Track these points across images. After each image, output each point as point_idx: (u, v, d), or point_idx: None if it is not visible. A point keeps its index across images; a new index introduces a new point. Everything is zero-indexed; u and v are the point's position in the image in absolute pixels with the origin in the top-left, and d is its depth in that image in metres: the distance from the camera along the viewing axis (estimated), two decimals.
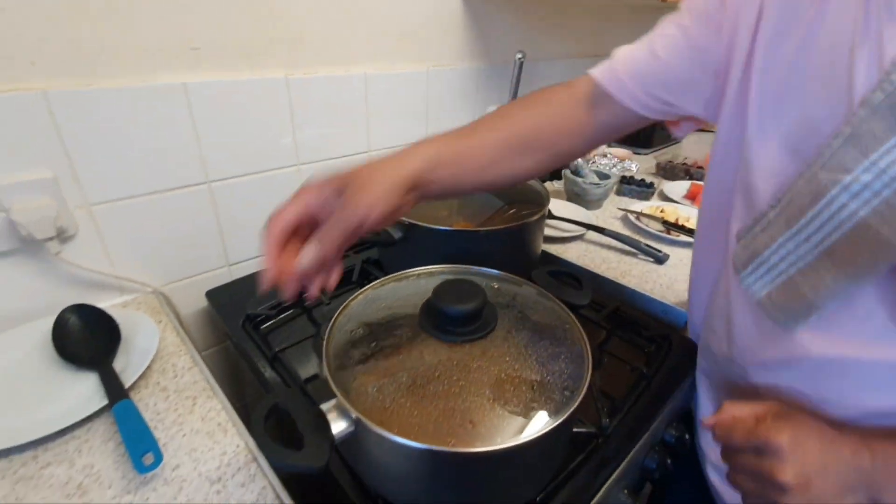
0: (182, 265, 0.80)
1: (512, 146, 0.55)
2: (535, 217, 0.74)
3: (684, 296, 0.84)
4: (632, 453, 0.56)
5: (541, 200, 0.81)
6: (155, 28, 0.65)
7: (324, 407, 0.42)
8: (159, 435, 0.53)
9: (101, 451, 0.50)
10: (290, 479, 0.49)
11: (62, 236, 0.65)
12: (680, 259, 0.96)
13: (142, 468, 0.47)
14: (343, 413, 0.41)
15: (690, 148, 1.77)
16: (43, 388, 0.57)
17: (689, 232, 1.03)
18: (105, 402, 0.54)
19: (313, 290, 0.42)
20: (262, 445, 0.36)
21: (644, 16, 1.64)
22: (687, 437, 0.66)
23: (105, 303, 0.73)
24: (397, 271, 0.81)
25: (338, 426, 0.40)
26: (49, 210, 0.60)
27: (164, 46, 0.67)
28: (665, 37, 0.52)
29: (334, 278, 0.43)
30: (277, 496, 0.47)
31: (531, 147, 0.55)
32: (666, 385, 0.65)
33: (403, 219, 0.71)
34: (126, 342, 0.64)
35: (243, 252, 0.87)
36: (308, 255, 0.40)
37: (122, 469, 0.48)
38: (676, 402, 0.66)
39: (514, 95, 1.11)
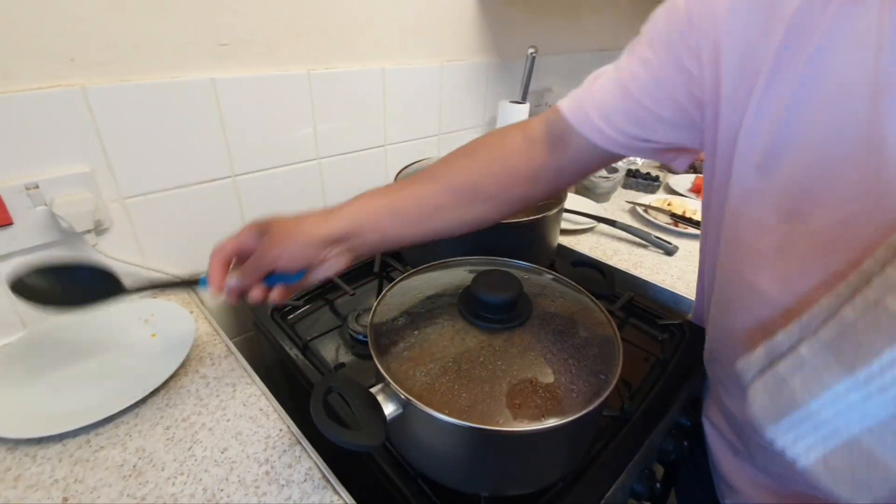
0: (209, 257, 0.81)
1: (456, 194, 0.53)
2: (554, 210, 0.77)
3: (693, 287, 0.88)
4: (652, 436, 0.59)
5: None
6: (186, 24, 0.67)
7: (373, 390, 0.44)
8: (205, 420, 0.55)
9: (150, 434, 0.53)
10: (333, 459, 0.52)
11: (98, 229, 0.66)
12: (689, 251, 0.99)
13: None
14: (392, 395, 0.43)
15: None
16: (90, 377, 0.59)
17: (697, 224, 1.06)
18: (149, 391, 0.56)
19: (252, 298, 0.51)
20: (323, 425, 0.38)
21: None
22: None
23: (137, 294, 0.75)
24: (417, 263, 0.84)
25: (388, 407, 0.43)
26: (87, 203, 0.62)
27: (194, 42, 0.68)
28: (631, 71, 0.47)
29: (261, 298, 0.51)
30: (324, 475, 0.49)
31: (479, 195, 0.53)
32: (681, 371, 0.68)
33: None
34: (162, 332, 0.66)
35: None
36: (232, 281, 0.50)
37: (173, 452, 0.51)
38: (691, 387, 0.69)
39: (526, 90, 1.13)
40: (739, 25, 0.39)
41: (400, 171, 0.86)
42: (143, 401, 0.56)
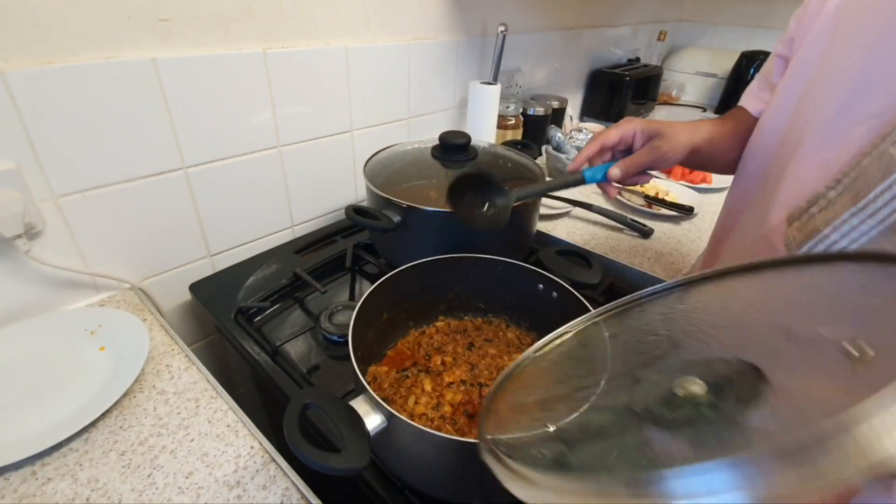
0: (161, 258, 0.75)
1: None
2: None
3: (672, 269, 0.87)
4: None
5: (534, 177, 0.81)
6: None
7: (354, 403, 0.40)
8: (165, 442, 0.50)
9: (103, 462, 0.47)
10: (312, 477, 0.48)
11: (30, 232, 0.59)
12: (663, 233, 0.98)
13: None
14: (375, 406, 0.40)
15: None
16: (31, 400, 0.53)
17: (670, 206, 1.06)
18: (99, 413, 0.50)
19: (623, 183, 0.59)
20: (300, 451, 0.35)
21: None
22: None
23: (80, 302, 0.68)
24: (391, 255, 0.80)
25: (371, 421, 0.39)
26: (15, 205, 0.54)
27: (129, 17, 0.60)
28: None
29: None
30: (303, 496, 0.45)
31: None
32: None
33: (401, 202, 0.69)
34: (112, 344, 0.60)
35: (225, 241, 0.82)
36: (616, 172, 0.57)
37: (130, 481, 0.46)
38: None
39: (497, 68, 1.08)
40: None
41: (369, 159, 0.81)
42: (94, 424, 0.51)
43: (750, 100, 0.66)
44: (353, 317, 0.47)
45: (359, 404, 0.40)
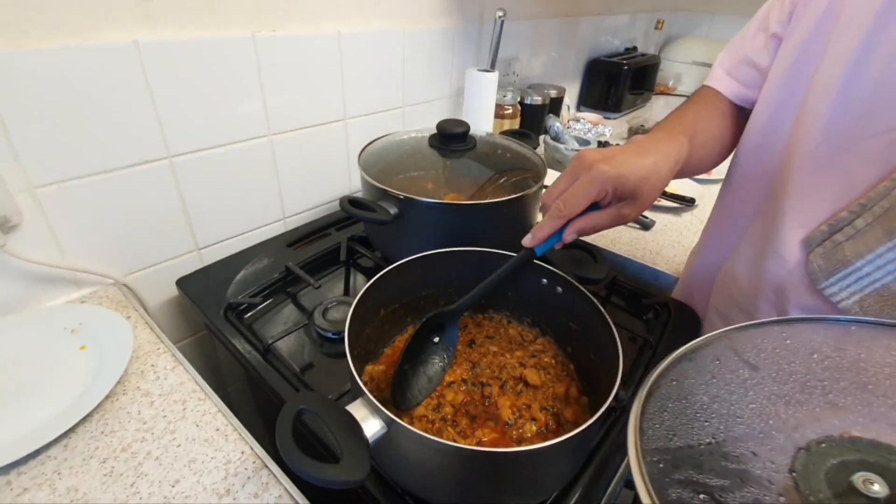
0: (146, 252, 0.71)
1: None
2: (536, 187, 0.71)
3: (673, 262, 0.86)
4: None
5: (535, 168, 0.78)
6: None
7: (351, 408, 0.38)
8: (150, 447, 0.47)
9: (83, 470, 0.44)
10: (307, 482, 0.45)
11: (5, 226, 0.55)
12: (664, 225, 0.96)
13: None
14: (374, 411, 0.37)
15: (660, 112, 1.79)
16: (6, 404, 0.50)
17: (670, 197, 1.04)
18: (80, 417, 0.47)
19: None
20: (295, 462, 0.32)
21: None
22: None
23: (60, 299, 0.65)
24: (388, 249, 0.77)
25: (371, 427, 0.37)
26: None
27: None
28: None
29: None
30: (297, 503, 0.43)
31: None
32: (670, 353, 0.66)
33: (399, 193, 0.66)
34: (93, 343, 0.57)
35: (214, 234, 0.79)
36: (571, 236, 0.47)
37: (112, 490, 0.43)
38: None
39: (495, 55, 1.05)
40: None
41: (364, 148, 0.78)
42: (74, 429, 0.48)
43: (724, 80, 0.61)
44: (349, 315, 0.45)
45: (357, 409, 0.38)
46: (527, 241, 0.48)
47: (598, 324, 0.49)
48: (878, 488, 0.25)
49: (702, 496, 0.28)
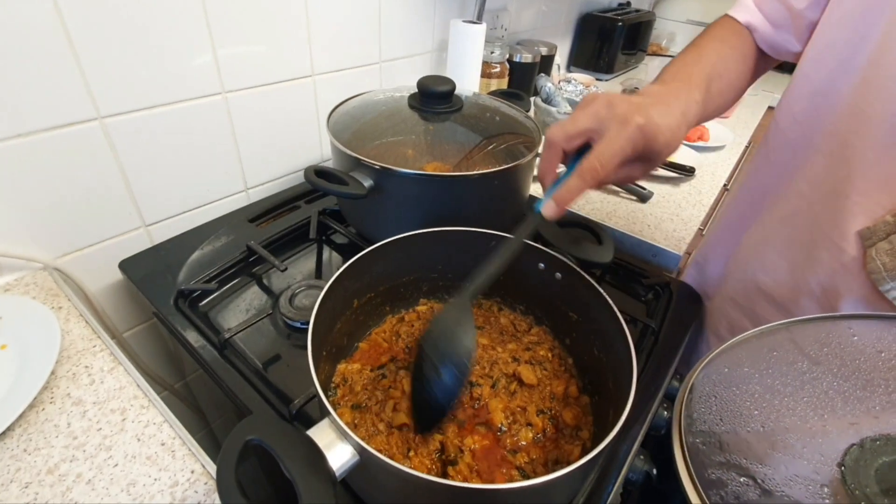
0: (81, 231, 0.62)
1: None
2: (530, 156, 0.63)
3: (673, 237, 0.80)
4: (650, 417, 0.52)
5: (528, 133, 0.70)
6: None
7: (314, 433, 0.31)
8: (81, 468, 0.40)
9: (1, 497, 0.37)
10: None
11: None
12: (663, 196, 0.90)
13: None
14: (343, 438, 0.31)
15: (654, 72, 1.69)
16: None
17: (669, 166, 0.98)
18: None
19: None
20: None
21: None
22: None
23: None
24: (363, 226, 0.69)
25: (338, 458, 0.30)
26: None
27: None
28: None
29: None
30: None
31: None
32: (673, 339, 0.61)
33: (374, 163, 0.57)
34: (15, 342, 0.48)
35: (163, 209, 0.69)
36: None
37: None
38: (686, 353, 0.62)
39: (482, 7, 0.94)
40: None
41: (333, 109, 0.68)
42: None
43: (754, 13, 0.53)
44: (314, 315, 0.37)
45: (321, 433, 0.31)
46: (550, 209, 0.41)
47: (604, 317, 0.43)
48: None
49: (743, 479, 0.30)
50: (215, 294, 0.60)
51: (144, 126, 0.62)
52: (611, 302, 0.42)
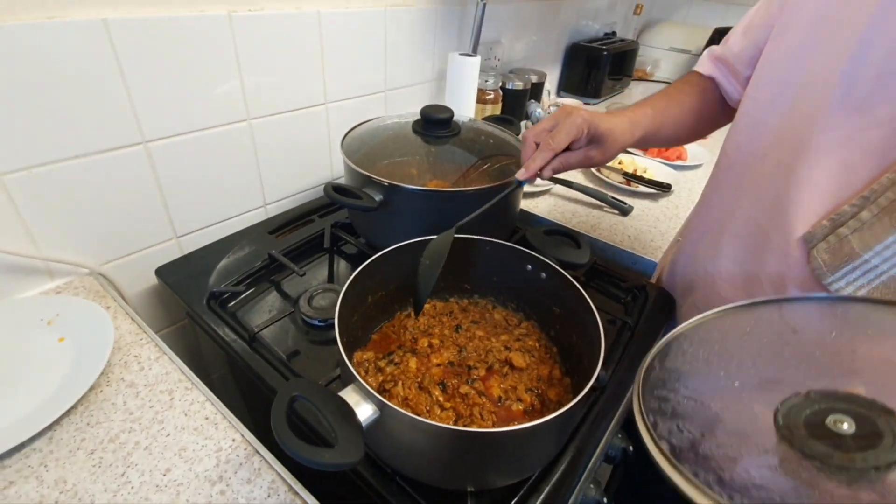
0: (122, 240, 0.70)
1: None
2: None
3: (650, 246, 0.88)
4: (625, 401, 0.59)
5: (518, 154, 0.78)
6: None
7: (344, 393, 0.39)
8: (139, 437, 0.47)
9: (70, 462, 0.44)
10: (298, 466, 0.46)
11: None
12: (642, 211, 0.99)
13: None
14: (365, 395, 0.38)
15: (638, 96, 1.81)
16: None
17: (648, 183, 1.07)
18: (64, 409, 0.47)
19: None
20: (292, 448, 0.33)
21: None
22: None
23: (32, 290, 0.63)
24: (372, 236, 0.77)
25: (363, 411, 0.38)
26: None
27: None
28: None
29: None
30: (291, 488, 0.44)
31: None
32: (647, 334, 0.68)
33: (383, 180, 0.66)
34: (72, 335, 0.56)
35: (192, 222, 0.77)
36: (548, 171, 0.56)
37: (102, 480, 0.43)
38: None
39: (477, 39, 1.05)
40: None
41: (347, 133, 0.77)
42: (58, 422, 0.47)
43: (707, 65, 0.69)
44: (339, 302, 0.45)
45: (349, 394, 0.39)
46: (522, 174, 0.57)
47: (581, 308, 0.51)
48: (846, 427, 0.30)
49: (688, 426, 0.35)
50: (242, 296, 0.68)
51: (181, 149, 0.70)
52: (585, 294, 0.50)
